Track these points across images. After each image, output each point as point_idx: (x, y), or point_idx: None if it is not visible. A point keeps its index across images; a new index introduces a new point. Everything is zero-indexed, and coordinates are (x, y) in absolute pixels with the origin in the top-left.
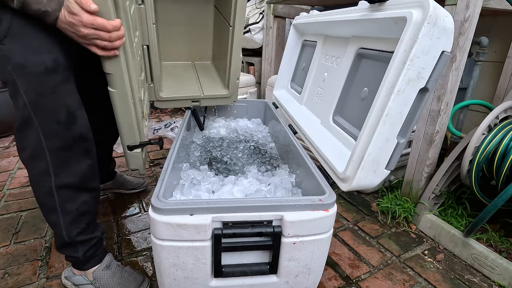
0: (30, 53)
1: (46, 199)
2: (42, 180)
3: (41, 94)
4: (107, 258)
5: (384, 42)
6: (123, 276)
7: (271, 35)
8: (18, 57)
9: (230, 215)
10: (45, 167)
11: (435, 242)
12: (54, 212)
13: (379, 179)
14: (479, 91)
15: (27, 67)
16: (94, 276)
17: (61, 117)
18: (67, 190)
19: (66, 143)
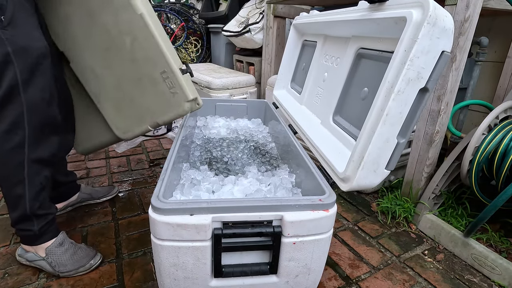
0: (30, 39)
1: (15, 172)
2: (15, 153)
3: (34, 74)
4: (61, 236)
5: (384, 42)
6: (76, 252)
7: (271, 35)
8: (21, 42)
9: (230, 215)
10: (21, 140)
11: (435, 242)
12: (20, 184)
13: (379, 179)
14: (479, 91)
15: (28, 51)
16: (47, 252)
17: (46, 95)
18: (37, 164)
19: (44, 119)
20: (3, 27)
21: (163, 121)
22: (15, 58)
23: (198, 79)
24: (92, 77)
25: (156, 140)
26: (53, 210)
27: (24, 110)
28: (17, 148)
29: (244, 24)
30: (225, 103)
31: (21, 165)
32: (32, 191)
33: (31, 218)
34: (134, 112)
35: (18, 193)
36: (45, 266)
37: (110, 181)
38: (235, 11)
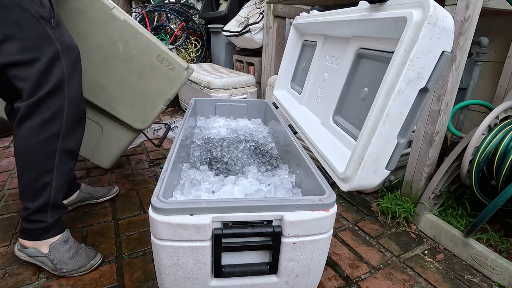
0: (71, 39)
1: (46, 160)
2: (51, 142)
3: (75, 69)
4: (66, 233)
5: (384, 42)
6: (78, 252)
7: (271, 35)
8: (67, 40)
9: (230, 215)
10: (58, 130)
11: (435, 242)
12: (50, 173)
13: (379, 179)
14: (479, 91)
15: (71, 49)
16: (51, 248)
17: (80, 91)
18: (66, 154)
19: (78, 112)
20: (53, 28)
21: (172, 94)
22: (62, 55)
23: (198, 79)
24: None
25: (156, 140)
26: (66, 206)
27: (65, 103)
28: (54, 137)
29: (244, 24)
30: (225, 103)
31: (53, 154)
32: (58, 181)
33: (47, 210)
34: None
35: (46, 181)
36: (46, 263)
37: (111, 181)
38: (235, 11)
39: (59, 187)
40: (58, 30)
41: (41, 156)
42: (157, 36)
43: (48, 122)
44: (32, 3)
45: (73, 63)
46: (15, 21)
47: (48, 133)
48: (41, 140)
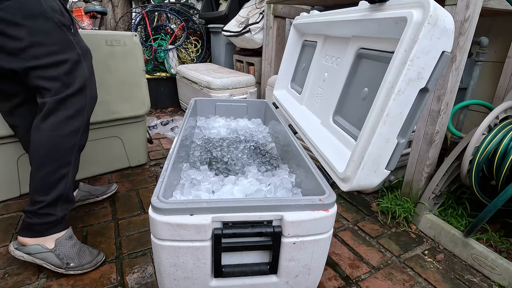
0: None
1: (66, 153)
2: (72, 137)
3: (91, 71)
4: (70, 230)
5: (384, 42)
6: (81, 249)
7: (271, 35)
8: (83, 45)
9: (230, 215)
10: (79, 126)
11: (435, 242)
12: (67, 167)
13: (379, 179)
14: (479, 91)
15: (88, 52)
16: (57, 243)
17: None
18: (80, 149)
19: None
20: (73, 34)
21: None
22: (83, 58)
23: (198, 79)
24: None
25: (156, 140)
26: (74, 201)
27: (87, 101)
28: (75, 132)
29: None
30: (225, 103)
31: (72, 148)
32: (73, 173)
33: (58, 203)
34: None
35: (63, 173)
36: (52, 258)
37: (111, 181)
38: (235, 11)
39: (73, 178)
40: (77, 36)
41: (62, 149)
42: (157, 36)
43: (71, 118)
44: (55, 12)
45: (91, 66)
46: (41, 29)
47: (70, 129)
48: (64, 134)
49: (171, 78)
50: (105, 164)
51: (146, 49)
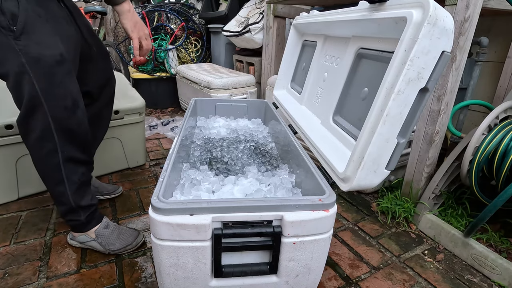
0: (43, 48)
1: (54, 174)
2: (51, 157)
3: (51, 83)
4: (105, 220)
5: (384, 42)
6: (121, 232)
7: (271, 35)
8: (33, 51)
9: (230, 215)
10: (53, 145)
11: (435, 242)
12: (61, 184)
13: (379, 179)
14: (479, 91)
15: (40, 60)
16: (97, 234)
17: (68, 102)
18: (72, 163)
19: (71, 124)
20: (16, 38)
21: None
22: (30, 68)
23: (198, 79)
24: None
25: (156, 140)
26: (95, 200)
27: (49, 119)
28: (51, 152)
29: (244, 24)
30: (225, 103)
31: (58, 167)
32: (72, 188)
33: (77, 210)
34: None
35: (61, 191)
36: (96, 246)
37: (111, 181)
38: (235, 11)
39: (76, 192)
40: (24, 40)
41: (48, 169)
42: (157, 36)
43: (41, 139)
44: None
45: (48, 76)
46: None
47: (46, 149)
48: (42, 155)
49: (171, 78)
50: (104, 165)
51: None
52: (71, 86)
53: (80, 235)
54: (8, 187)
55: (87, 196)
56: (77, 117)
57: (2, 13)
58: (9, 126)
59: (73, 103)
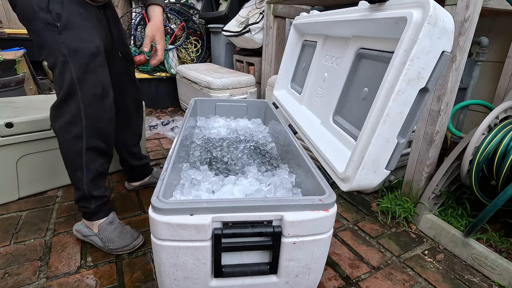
0: (81, 41)
1: (75, 160)
2: (75, 143)
3: (86, 72)
4: (111, 215)
5: (384, 42)
6: (123, 232)
7: (271, 35)
8: (73, 44)
9: (230, 215)
10: (79, 132)
11: (435, 242)
12: (80, 170)
13: (379, 179)
14: (479, 91)
15: (79, 52)
16: (99, 228)
17: (98, 90)
18: (93, 152)
19: (99, 112)
20: (59, 32)
21: None
22: (70, 59)
23: (198, 79)
24: None
25: (156, 140)
26: (107, 193)
27: (81, 104)
28: (77, 138)
29: (244, 24)
30: (225, 103)
31: (80, 153)
32: (89, 176)
33: (88, 198)
34: None
35: (78, 177)
36: (97, 241)
37: (111, 181)
38: (235, 11)
39: (91, 181)
40: (66, 34)
41: (71, 154)
42: None
43: (69, 124)
44: (41, 10)
45: (84, 66)
46: (35, 30)
47: (72, 134)
48: (68, 140)
49: (171, 78)
50: None
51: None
52: (103, 76)
53: (85, 228)
54: (8, 187)
55: (100, 187)
56: (104, 105)
57: (49, 12)
58: (9, 124)
59: (103, 91)
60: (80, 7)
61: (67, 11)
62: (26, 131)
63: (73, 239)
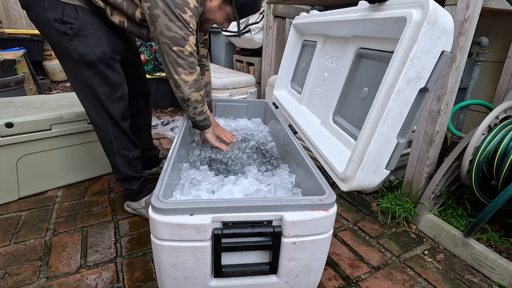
0: (88, 48)
1: (109, 147)
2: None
3: (96, 73)
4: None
5: (384, 42)
6: None
7: (271, 35)
8: (81, 50)
9: (230, 215)
10: (104, 124)
11: (435, 242)
12: (114, 156)
13: (379, 179)
14: (479, 91)
15: (86, 56)
16: (146, 203)
17: (106, 89)
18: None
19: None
20: (71, 39)
21: None
22: (81, 61)
23: None
24: None
25: (156, 140)
26: (145, 174)
27: (97, 100)
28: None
29: (244, 24)
30: (225, 103)
31: (110, 142)
32: (122, 161)
33: (129, 180)
34: None
35: (115, 162)
36: (144, 213)
37: (111, 181)
38: None
39: (125, 164)
40: (76, 41)
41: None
42: None
43: (97, 118)
44: (56, 21)
45: (91, 67)
46: (49, 35)
47: (100, 126)
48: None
49: None
50: (105, 166)
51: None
52: (109, 76)
53: (133, 203)
54: (8, 187)
55: (137, 170)
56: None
57: (63, 23)
58: (9, 124)
59: (111, 89)
60: (94, 18)
61: (80, 21)
62: (26, 131)
63: (73, 239)
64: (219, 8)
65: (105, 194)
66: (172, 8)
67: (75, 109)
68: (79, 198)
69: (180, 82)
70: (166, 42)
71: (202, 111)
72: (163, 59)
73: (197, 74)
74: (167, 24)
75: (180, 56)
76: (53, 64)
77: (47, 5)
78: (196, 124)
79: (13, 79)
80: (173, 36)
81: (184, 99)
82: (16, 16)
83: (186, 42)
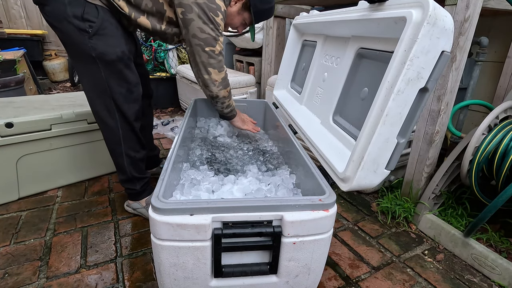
0: (107, 47)
1: (116, 148)
2: (114, 134)
3: (112, 72)
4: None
5: (384, 42)
6: None
7: (271, 35)
8: (100, 48)
9: (230, 215)
10: (115, 124)
11: (435, 242)
12: (121, 156)
13: (379, 179)
14: (479, 91)
15: (105, 55)
16: (147, 203)
17: (122, 89)
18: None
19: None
20: (90, 37)
21: None
22: (98, 60)
23: None
24: None
25: (156, 140)
26: (148, 174)
27: (111, 99)
28: (114, 129)
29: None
30: None
31: (119, 142)
32: (128, 161)
33: (133, 180)
34: None
35: (121, 162)
36: (145, 213)
37: (111, 181)
38: None
39: (130, 165)
40: (95, 40)
41: (112, 143)
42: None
43: (107, 117)
44: (75, 18)
45: (109, 66)
46: (65, 31)
47: (110, 126)
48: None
49: (171, 78)
50: (105, 166)
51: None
52: (127, 76)
53: (134, 203)
54: (8, 187)
55: (141, 171)
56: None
57: (83, 20)
58: (9, 124)
59: (128, 88)
60: (112, 18)
61: (101, 19)
62: (26, 131)
63: (73, 239)
64: (238, 14)
65: (105, 194)
66: (207, 11)
67: (75, 109)
68: (79, 198)
69: (209, 81)
70: (199, 44)
71: (229, 105)
72: (193, 59)
73: (225, 72)
74: (200, 27)
75: (212, 56)
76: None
77: (67, 1)
78: (224, 115)
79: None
80: (206, 37)
81: (212, 97)
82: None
83: (216, 42)
